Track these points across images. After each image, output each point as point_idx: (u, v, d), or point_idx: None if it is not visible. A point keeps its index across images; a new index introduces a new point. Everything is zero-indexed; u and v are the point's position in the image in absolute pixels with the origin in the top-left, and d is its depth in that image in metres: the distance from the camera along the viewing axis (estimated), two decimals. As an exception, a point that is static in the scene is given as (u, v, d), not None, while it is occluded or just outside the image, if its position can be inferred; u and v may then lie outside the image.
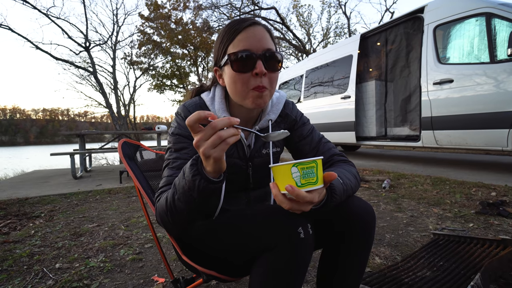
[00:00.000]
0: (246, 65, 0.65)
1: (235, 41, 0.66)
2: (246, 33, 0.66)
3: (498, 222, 1.76)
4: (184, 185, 0.55)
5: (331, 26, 16.20)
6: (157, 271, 1.35)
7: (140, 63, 17.22)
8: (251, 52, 0.65)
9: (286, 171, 0.50)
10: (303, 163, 0.49)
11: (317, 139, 0.84)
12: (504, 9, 2.94)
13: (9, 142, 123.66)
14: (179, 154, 0.70)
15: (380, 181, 3.08)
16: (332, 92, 5.29)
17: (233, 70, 0.66)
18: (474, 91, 3.08)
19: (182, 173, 0.57)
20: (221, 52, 0.70)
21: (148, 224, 1.91)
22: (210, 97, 0.77)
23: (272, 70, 0.68)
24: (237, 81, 0.67)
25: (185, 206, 0.58)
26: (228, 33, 0.68)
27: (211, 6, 14.77)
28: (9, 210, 2.43)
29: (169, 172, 0.68)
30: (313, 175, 0.50)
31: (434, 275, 1.11)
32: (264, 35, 0.67)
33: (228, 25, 0.70)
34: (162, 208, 0.62)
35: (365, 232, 0.65)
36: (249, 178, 0.80)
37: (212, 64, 0.76)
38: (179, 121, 0.74)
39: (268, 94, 0.69)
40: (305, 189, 0.50)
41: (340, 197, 0.61)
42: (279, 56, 0.69)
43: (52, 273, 1.34)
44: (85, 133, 4.88)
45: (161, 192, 0.67)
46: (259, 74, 0.65)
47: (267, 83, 0.68)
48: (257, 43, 0.66)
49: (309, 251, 0.57)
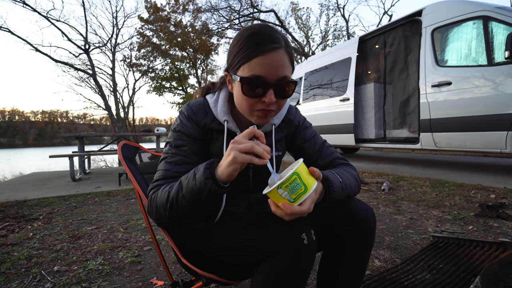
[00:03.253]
0: (257, 91, 0.64)
1: (252, 63, 0.62)
2: (265, 58, 0.62)
3: (497, 224, 1.76)
4: (193, 185, 0.58)
5: (329, 28, 16.33)
6: (156, 274, 1.34)
7: (140, 65, 17.27)
8: (265, 80, 0.63)
9: (275, 194, 0.51)
10: (285, 182, 0.50)
11: (320, 143, 0.84)
12: (501, 12, 2.96)
13: (7, 144, 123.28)
14: (178, 150, 0.72)
15: (379, 183, 3.08)
16: (331, 95, 5.31)
17: (243, 92, 0.65)
18: (472, 94, 3.10)
19: (192, 174, 0.60)
20: (236, 65, 0.66)
21: (147, 227, 1.90)
22: (214, 100, 0.77)
23: (282, 97, 0.67)
24: (243, 102, 0.67)
25: (188, 204, 0.61)
26: (248, 49, 0.63)
27: (210, 9, 14.85)
28: (7, 213, 2.42)
29: (166, 166, 0.70)
30: (300, 186, 0.51)
31: (434, 278, 1.11)
32: (283, 61, 0.63)
33: (250, 37, 0.63)
34: (162, 201, 0.64)
35: (366, 234, 0.65)
36: (249, 181, 0.80)
37: (224, 68, 0.74)
38: (182, 119, 0.75)
39: (274, 114, 0.70)
40: (300, 201, 0.51)
41: (339, 194, 0.61)
42: (293, 83, 0.67)
43: (51, 276, 1.33)
44: (84, 135, 4.87)
45: (157, 185, 0.68)
46: (267, 103, 0.64)
47: (275, 106, 0.68)
48: (274, 71, 0.62)
49: (312, 257, 0.58)
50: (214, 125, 0.75)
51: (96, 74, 14.52)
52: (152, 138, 6.21)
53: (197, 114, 0.75)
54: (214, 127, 0.75)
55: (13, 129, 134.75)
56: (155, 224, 2.12)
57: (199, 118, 0.74)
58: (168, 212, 0.63)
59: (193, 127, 0.74)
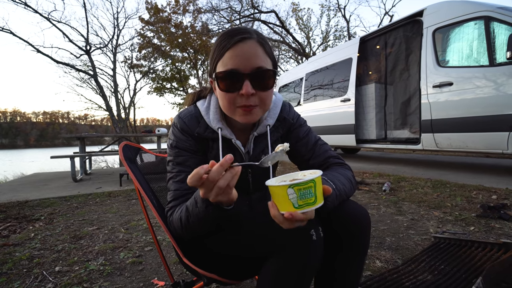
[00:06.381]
0: (232, 85, 0.64)
1: (224, 59, 0.64)
2: (235, 50, 0.62)
3: (499, 225, 1.76)
4: (198, 213, 0.58)
5: (330, 29, 16.31)
6: (157, 274, 1.34)
7: (140, 66, 17.29)
8: (238, 72, 0.62)
9: (282, 192, 0.47)
10: (300, 184, 0.46)
11: (313, 141, 0.83)
12: (502, 12, 2.96)
13: (9, 145, 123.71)
14: (182, 167, 0.71)
15: (380, 184, 3.07)
16: (332, 95, 5.31)
17: (220, 89, 0.65)
18: (473, 94, 3.09)
19: (194, 201, 0.59)
20: (212, 66, 0.68)
21: (148, 227, 1.90)
22: (205, 107, 0.75)
23: (261, 89, 0.65)
24: (224, 99, 0.67)
25: (200, 227, 0.62)
26: (218, 48, 0.65)
27: (211, 10, 14.87)
28: (9, 213, 2.43)
29: (176, 186, 0.71)
30: (311, 195, 0.47)
31: (435, 279, 1.11)
32: (255, 51, 0.63)
33: (221, 36, 0.66)
34: (178, 226, 0.66)
35: (361, 235, 0.65)
36: (249, 184, 0.80)
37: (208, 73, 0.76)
38: (176, 133, 0.74)
39: (259, 110, 0.68)
40: (304, 210, 0.47)
41: (333, 203, 0.60)
42: (271, 72, 0.65)
43: (52, 276, 1.33)
44: (85, 136, 4.88)
45: (172, 207, 0.70)
46: (245, 95, 0.63)
47: (257, 101, 0.66)
48: (246, 62, 0.62)
49: (320, 254, 0.59)
50: (208, 134, 0.73)
51: (97, 75, 14.54)
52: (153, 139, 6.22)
53: (189, 125, 0.73)
54: (208, 135, 0.74)
55: (15, 130, 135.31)
56: (156, 225, 2.11)
57: (192, 129, 0.73)
58: (186, 234, 0.66)
59: (188, 140, 0.73)
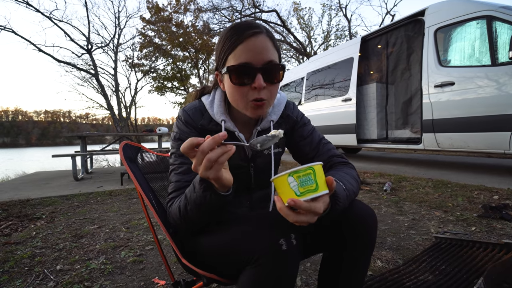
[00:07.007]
0: (245, 79, 0.65)
1: (236, 52, 0.64)
2: (248, 44, 0.64)
3: (501, 225, 1.75)
4: (195, 198, 0.58)
5: (331, 28, 16.27)
6: (157, 274, 1.35)
7: (141, 66, 17.32)
8: (251, 65, 0.64)
9: (283, 181, 0.49)
10: (298, 171, 0.48)
11: (317, 140, 0.83)
12: (505, 12, 2.94)
13: (11, 143, 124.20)
14: (184, 159, 0.71)
15: (381, 183, 3.07)
16: (333, 95, 5.30)
17: (232, 82, 0.66)
18: (475, 94, 3.08)
19: (192, 187, 0.60)
20: (222, 59, 0.68)
21: (149, 226, 1.91)
22: (210, 101, 0.77)
23: (272, 82, 0.67)
24: (235, 93, 0.67)
25: (198, 215, 0.61)
26: (230, 40, 0.65)
27: (212, 9, 14.86)
28: (11, 212, 2.44)
29: (177, 178, 0.71)
30: (312, 182, 0.48)
31: (436, 279, 1.10)
32: (266, 45, 0.65)
33: (230, 29, 0.67)
34: (176, 215, 0.66)
35: (368, 235, 0.65)
36: (251, 179, 0.80)
37: (213, 67, 0.76)
38: (180, 126, 0.75)
39: (268, 104, 0.69)
40: (306, 198, 0.47)
41: (344, 204, 0.59)
42: (281, 67, 0.67)
43: (53, 275, 1.34)
44: (87, 135, 4.89)
45: (172, 198, 0.70)
46: (258, 88, 0.65)
47: (267, 94, 0.67)
48: (258, 56, 0.64)
49: (293, 264, 0.55)
50: (211, 126, 0.75)
51: (98, 74, 14.58)
52: (154, 138, 6.22)
53: (194, 117, 0.75)
54: (212, 128, 0.75)
55: (17, 129, 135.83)
56: (157, 224, 2.11)
57: (196, 121, 0.74)
58: (185, 224, 0.66)
59: (191, 132, 0.74)
